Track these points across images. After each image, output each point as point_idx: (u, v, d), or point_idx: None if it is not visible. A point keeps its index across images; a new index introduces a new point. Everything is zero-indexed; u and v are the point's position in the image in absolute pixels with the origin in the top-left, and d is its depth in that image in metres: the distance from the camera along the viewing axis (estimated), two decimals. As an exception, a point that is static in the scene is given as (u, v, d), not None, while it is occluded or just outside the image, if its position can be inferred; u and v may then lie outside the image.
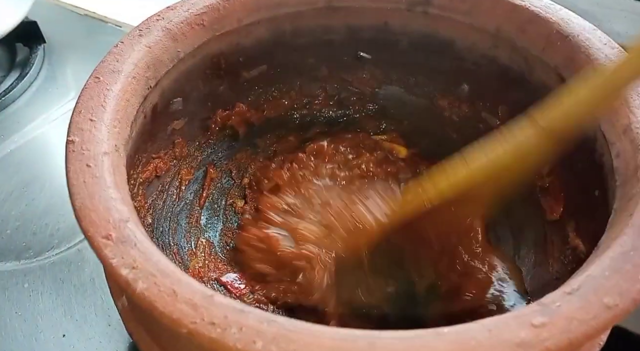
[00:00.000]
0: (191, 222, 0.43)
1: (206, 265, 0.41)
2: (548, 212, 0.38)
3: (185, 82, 0.39)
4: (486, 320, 0.21)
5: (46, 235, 0.47)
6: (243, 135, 0.46)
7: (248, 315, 0.22)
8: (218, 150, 0.46)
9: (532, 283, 0.37)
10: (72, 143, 0.29)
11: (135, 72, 0.34)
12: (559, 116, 0.30)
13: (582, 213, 0.35)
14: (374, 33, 0.43)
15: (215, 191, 0.46)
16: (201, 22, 0.38)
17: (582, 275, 0.23)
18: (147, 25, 0.36)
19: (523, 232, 0.41)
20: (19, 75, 0.61)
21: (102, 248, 0.24)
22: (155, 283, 0.23)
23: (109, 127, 0.30)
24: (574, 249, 0.35)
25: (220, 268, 0.42)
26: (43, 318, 0.42)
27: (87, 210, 0.26)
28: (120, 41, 0.35)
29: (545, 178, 0.39)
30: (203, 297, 0.22)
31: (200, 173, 0.45)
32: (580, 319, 0.21)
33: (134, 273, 0.23)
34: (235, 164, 0.47)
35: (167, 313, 0.22)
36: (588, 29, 0.36)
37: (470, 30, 0.40)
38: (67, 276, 0.44)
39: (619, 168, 0.30)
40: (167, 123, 0.40)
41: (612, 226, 0.26)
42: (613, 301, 0.22)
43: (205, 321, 0.22)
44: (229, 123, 0.45)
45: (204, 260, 0.42)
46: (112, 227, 0.25)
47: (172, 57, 0.37)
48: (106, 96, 0.32)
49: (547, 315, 0.21)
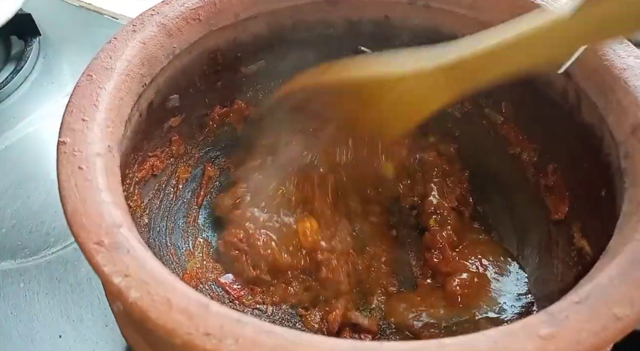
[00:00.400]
0: (189, 222, 0.43)
1: (204, 265, 0.41)
2: (553, 212, 0.38)
3: (181, 79, 0.38)
4: (492, 331, 0.21)
5: (42, 233, 0.46)
6: (241, 132, 0.45)
7: (245, 325, 0.21)
8: (216, 147, 0.45)
9: (537, 285, 0.37)
10: (64, 145, 0.28)
11: (129, 69, 0.33)
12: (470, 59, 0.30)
13: (588, 214, 0.34)
14: (375, 27, 0.42)
15: (214, 189, 0.45)
16: (197, 16, 0.37)
17: (591, 283, 0.22)
18: (141, 20, 0.35)
19: (527, 232, 0.40)
20: (13, 69, 0.60)
21: (94, 255, 0.23)
22: (149, 292, 0.22)
23: (102, 127, 0.29)
24: (580, 250, 0.34)
25: (218, 268, 0.41)
26: (39, 319, 0.41)
27: (78, 215, 0.25)
28: (114, 37, 0.34)
29: (550, 177, 0.38)
30: (198, 306, 0.22)
31: (198, 171, 0.44)
32: (589, 330, 0.20)
33: (126, 282, 0.22)
34: (234, 162, 0.46)
35: (161, 324, 0.21)
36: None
37: (474, 25, 0.39)
38: (64, 275, 0.44)
39: (628, 169, 0.29)
40: (164, 120, 0.39)
41: (621, 231, 0.25)
42: (623, 311, 0.21)
43: (200, 331, 0.21)
44: (227, 121, 0.44)
45: (202, 261, 0.41)
46: (104, 232, 0.24)
47: (167, 53, 0.36)
48: (99, 95, 0.31)
49: (555, 326, 0.21)
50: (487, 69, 0.30)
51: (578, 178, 0.36)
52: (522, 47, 0.29)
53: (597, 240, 0.33)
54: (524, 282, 0.38)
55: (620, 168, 0.29)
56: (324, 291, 0.40)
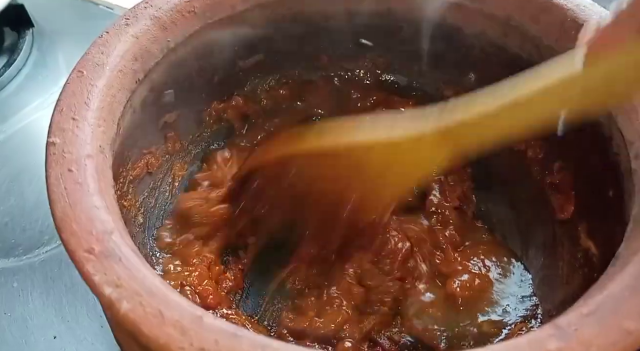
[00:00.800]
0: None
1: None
2: (558, 211, 0.37)
3: (176, 74, 0.37)
4: (499, 345, 0.20)
5: (36, 231, 0.45)
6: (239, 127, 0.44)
7: (241, 339, 0.20)
8: (213, 143, 0.44)
9: (541, 287, 0.36)
10: (53, 146, 0.27)
11: (121, 64, 0.32)
12: (463, 123, 0.27)
13: (595, 214, 0.34)
14: (376, 19, 0.41)
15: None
16: (192, 9, 0.36)
17: (601, 294, 0.21)
18: (134, 13, 0.34)
19: (531, 232, 0.39)
20: (6, 62, 0.59)
21: (84, 264, 0.22)
22: (141, 303, 0.21)
23: (93, 126, 0.28)
24: (586, 252, 0.33)
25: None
26: (33, 319, 0.40)
27: (68, 220, 0.24)
28: (105, 31, 0.33)
29: (556, 175, 0.37)
30: (192, 319, 0.21)
31: (194, 168, 0.43)
32: (599, 345, 0.20)
33: (117, 292, 0.21)
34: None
35: (153, 338, 0.20)
36: (605, 16, 0.33)
37: (479, 17, 0.38)
38: (58, 275, 0.43)
39: (638, 171, 0.28)
40: (159, 116, 0.38)
41: (632, 237, 0.25)
42: (634, 325, 0.20)
43: (194, 346, 0.20)
44: (225, 116, 0.43)
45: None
46: (95, 239, 0.23)
47: (161, 47, 0.35)
48: (90, 92, 0.30)
49: (564, 340, 0.20)
50: (489, 131, 0.28)
51: (585, 178, 0.35)
52: (530, 105, 0.26)
53: (604, 241, 0.32)
54: (529, 284, 0.37)
55: (630, 170, 0.29)
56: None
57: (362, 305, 0.38)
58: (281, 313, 0.38)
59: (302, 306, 0.38)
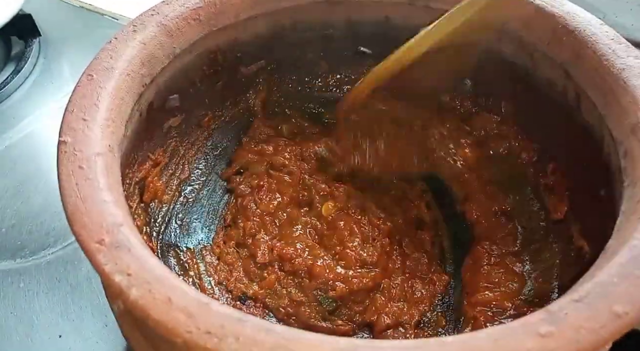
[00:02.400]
0: (189, 222, 0.43)
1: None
2: (552, 211, 0.38)
3: (181, 79, 0.38)
4: (492, 328, 0.21)
5: (42, 233, 0.46)
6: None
7: (245, 323, 0.21)
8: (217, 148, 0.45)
9: (535, 284, 0.37)
10: (64, 144, 0.28)
11: (129, 69, 0.33)
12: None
13: (588, 213, 0.34)
14: (375, 27, 0.43)
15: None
16: (197, 16, 0.37)
17: (591, 282, 0.22)
18: (141, 20, 0.35)
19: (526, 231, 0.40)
20: (13, 70, 0.60)
21: (95, 254, 0.23)
22: (150, 291, 0.22)
23: (103, 126, 0.29)
24: (579, 250, 0.34)
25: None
26: (39, 318, 0.41)
27: (79, 214, 0.25)
28: (114, 37, 0.34)
29: (550, 176, 0.38)
30: (199, 305, 0.22)
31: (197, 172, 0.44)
32: (589, 328, 0.20)
33: (127, 280, 0.22)
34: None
35: (162, 322, 0.21)
36: (594, 24, 0.35)
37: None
38: (63, 275, 0.44)
39: (627, 168, 0.29)
40: (164, 120, 0.39)
41: (620, 229, 0.25)
42: (623, 309, 0.21)
43: (201, 330, 0.21)
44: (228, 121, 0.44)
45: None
46: (105, 231, 0.24)
47: (167, 53, 0.36)
48: (99, 94, 0.31)
49: (554, 324, 0.21)
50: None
51: (578, 178, 0.36)
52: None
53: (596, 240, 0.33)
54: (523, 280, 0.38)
55: (619, 168, 0.30)
56: None
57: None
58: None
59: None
